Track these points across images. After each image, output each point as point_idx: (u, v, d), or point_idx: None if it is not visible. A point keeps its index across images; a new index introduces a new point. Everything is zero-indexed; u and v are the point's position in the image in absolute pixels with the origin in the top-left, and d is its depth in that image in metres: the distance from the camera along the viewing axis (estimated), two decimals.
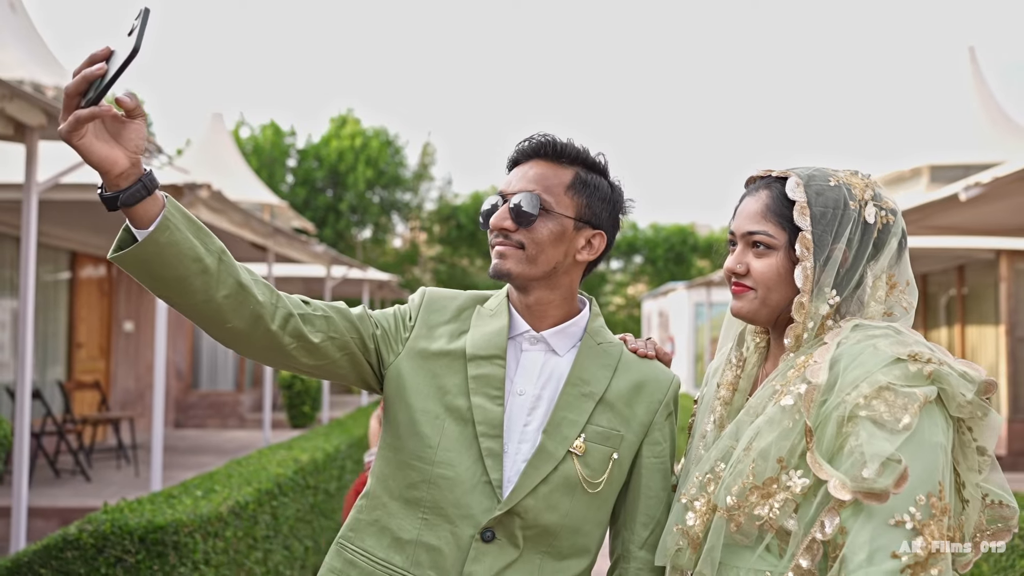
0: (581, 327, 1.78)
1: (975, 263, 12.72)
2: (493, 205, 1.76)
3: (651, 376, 1.77)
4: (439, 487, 1.66)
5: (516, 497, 1.64)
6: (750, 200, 1.67)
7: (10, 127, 5.46)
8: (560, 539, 1.68)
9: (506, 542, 1.65)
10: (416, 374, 1.72)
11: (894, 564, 1.38)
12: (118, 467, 9.83)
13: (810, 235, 1.58)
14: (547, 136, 1.76)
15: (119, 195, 1.43)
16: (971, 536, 1.57)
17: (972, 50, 14.89)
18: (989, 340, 12.43)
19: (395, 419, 1.73)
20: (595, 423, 1.70)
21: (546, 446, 1.67)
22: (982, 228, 9.57)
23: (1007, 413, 11.49)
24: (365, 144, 26.86)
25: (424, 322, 1.77)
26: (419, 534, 1.66)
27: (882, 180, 15.01)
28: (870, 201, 1.62)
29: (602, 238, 1.77)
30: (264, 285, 1.62)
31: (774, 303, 1.63)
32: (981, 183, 6.80)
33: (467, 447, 1.67)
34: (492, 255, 1.75)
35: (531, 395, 1.72)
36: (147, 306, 13.25)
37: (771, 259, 1.62)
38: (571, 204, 1.73)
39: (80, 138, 1.37)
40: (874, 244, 1.61)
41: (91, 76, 1.34)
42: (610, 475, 1.69)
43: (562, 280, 1.75)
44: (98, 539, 3.77)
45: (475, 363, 1.71)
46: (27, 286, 5.67)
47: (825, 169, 1.65)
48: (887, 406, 1.43)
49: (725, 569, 1.55)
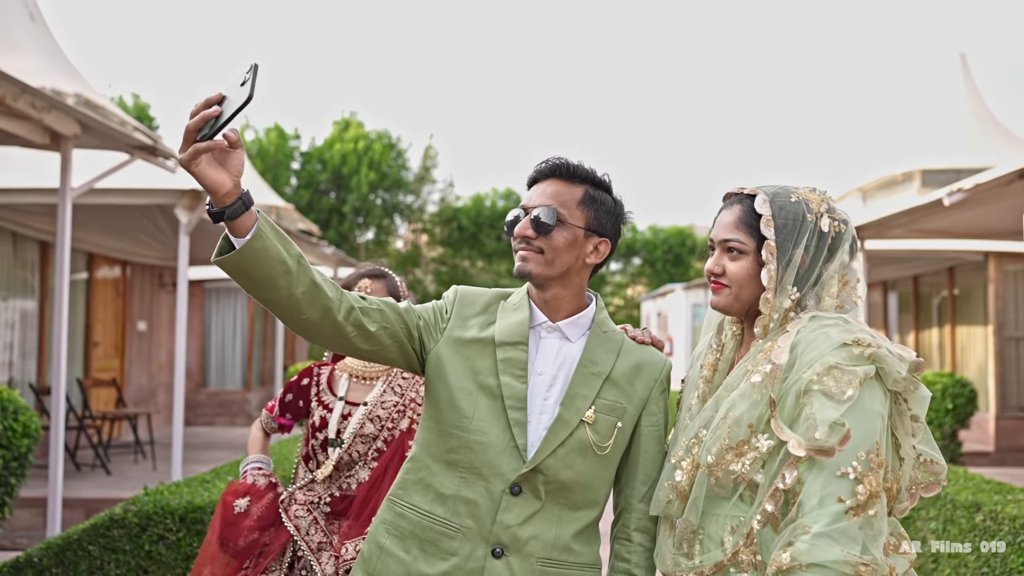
0: (589, 318, 2.12)
1: (965, 265, 13.04)
2: (516, 217, 2.10)
3: (648, 359, 2.12)
4: (474, 451, 2.00)
5: (539, 458, 1.99)
6: (726, 213, 2.02)
7: (46, 137, 5.82)
8: (575, 493, 2.03)
9: (531, 495, 2.00)
10: (453, 358, 2.06)
11: (840, 507, 1.72)
12: (135, 461, 10.17)
13: (774, 243, 1.92)
14: (561, 159, 2.10)
15: (225, 211, 1.76)
16: (907, 488, 1.91)
17: (964, 57, 15.23)
18: (978, 340, 12.76)
19: (436, 396, 2.07)
20: (603, 397, 2.04)
21: (563, 416, 2.01)
22: (971, 231, 9.90)
23: (995, 411, 11.82)
24: (368, 147, 27.22)
25: (458, 315, 2.12)
26: (458, 490, 2.01)
27: (875, 184, 15.33)
28: (825, 214, 1.96)
29: (607, 244, 2.11)
30: (331, 284, 1.95)
31: (745, 298, 1.97)
32: (964, 189, 7.15)
33: (497, 418, 2.01)
34: (516, 258, 2.08)
35: (549, 375, 2.06)
36: (159, 306, 13.59)
37: (743, 262, 1.96)
38: (582, 216, 2.07)
39: (196, 166, 1.71)
40: (828, 249, 1.95)
41: (208, 116, 1.68)
42: (615, 440, 2.04)
43: (574, 279, 2.09)
44: (142, 518, 4.12)
45: (503, 348, 2.05)
46: (62, 287, 6.01)
47: (788, 187, 2.00)
48: (835, 381, 1.78)
49: (707, 516, 1.89)
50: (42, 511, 7.87)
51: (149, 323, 13.16)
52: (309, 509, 2.90)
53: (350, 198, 26.96)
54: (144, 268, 12.95)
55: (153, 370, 13.29)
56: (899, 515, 1.91)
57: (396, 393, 3.00)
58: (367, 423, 2.92)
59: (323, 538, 2.86)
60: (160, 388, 13.61)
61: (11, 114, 5.35)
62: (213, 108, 1.68)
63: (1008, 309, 12.26)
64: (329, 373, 3.09)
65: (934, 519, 5.05)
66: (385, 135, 28.02)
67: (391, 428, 2.94)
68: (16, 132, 5.50)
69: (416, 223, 29.06)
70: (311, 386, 3.07)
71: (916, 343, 14.77)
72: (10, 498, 6.67)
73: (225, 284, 16.24)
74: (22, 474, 6.72)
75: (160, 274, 13.54)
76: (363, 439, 2.92)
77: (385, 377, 3.02)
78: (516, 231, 2.07)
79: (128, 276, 12.43)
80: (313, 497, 2.91)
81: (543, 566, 1.99)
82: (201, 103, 1.69)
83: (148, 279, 13.20)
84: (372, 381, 3.03)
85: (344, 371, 3.07)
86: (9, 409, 6.61)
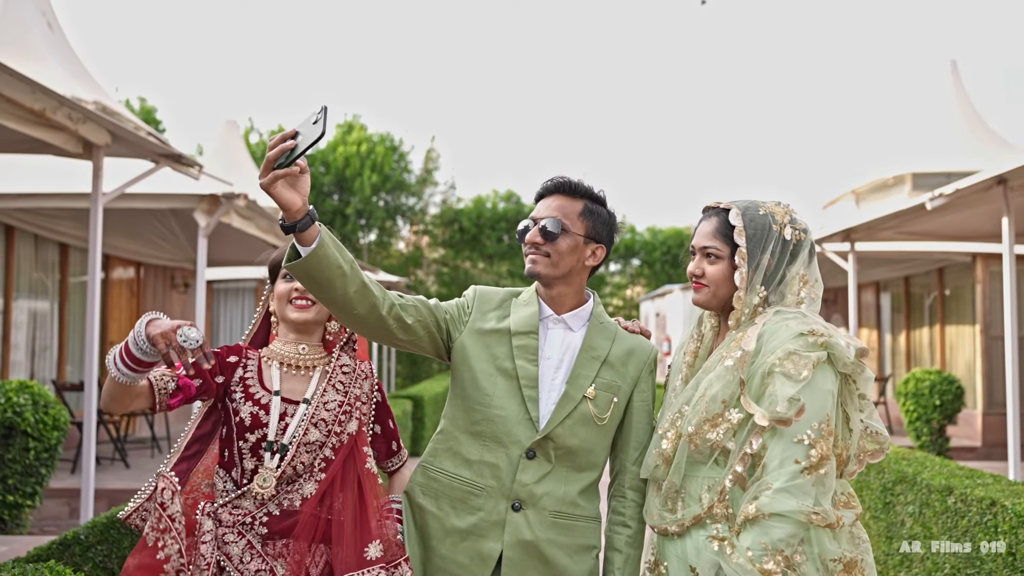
0: (589, 311, 2.54)
1: (954, 266, 13.41)
2: (526, 227, 2.50)
3: (638, 346, 2.53)
4: (495, 423, 2.41)
5: (550, 427, 2.40)
6: (705, 224, 2.40)
7: (79, 146, 6.18)
8: (579, 457, 2.43)
9: (543, 459, 2.41)
10: (475, 346, 2.47)
11: (796, 467, 2.10)
12: (152, 455, 10.54)
13: (745, 250, 2.30)
14: (564, 178, 2.51)
15: (296, 224, 2.15)
16: (856, 455, 2.29)
17: (954, 63, 15.60)
18: (967, 338, 13.14)
19: (461, 378, 2.48)
20: (601, 377, 2.45)
21: (569, 392, 2.42)
22: (955, 234, 10.26)
23: (982, 407, 12.21)
24: (371, 150, 27.61)
25: (478, 309, 2.53)
26: (481, 455, 2.42)
27: (868, 187, 15.70)
28: (788, 224, 2.33)
29: (603, 250, 2.53)
30: (376, 284, 2.34)
31: (721, 296, 2.35)
32: (944, 194, 7.51)
33: (513, 395, 2.42)
34: (527, 261, 2.49)
35: (556, 358, 2.47)
36: (171, 306, 13.96)
37: (719, 266, 2.34)
38: (582, 226, 2.47)
39: (274, 188, 2.09)
40: (791, 254, 2.32)
41: (285, 149, 2.06)
42: (612, 413, 2.44)
43: (575, 279, 2.50)
44: None
45: (517, 337, 2.46)
46: (94, 288, 6.37)
47: (757, 201, 2.36)
48: (793, 364, 2.15)
49: (687, 477, 2.27)
50: (67, 501, 8.25)
51: None
52: (241, 532, 2.39)
53: (353, 200, 27.34)
54: (157, 269, 13.32)
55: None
56: (849, 477, 2.29)
57: (339, 391, 2.53)
58: (311, 429, 2.44)
59: (261, 565, 2.37)
60: None
61: (49, 125, 5.71)
62: (288, 143, 2.06)
63: (995, 309, 12.63)
64: (258, 361, 2.56)
65: (911, 503, 5.43)
66: (388, 138, 28.41)
67: (339, 433, 2.47)
68: (53, 142, 5.86)
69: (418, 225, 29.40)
70: (237, 367, 2.53)
71: (907, 342, 15.15)
72: (41, 487, 7.07)
73: (233, 285, 16.62)
74: (52, 464, 7.12)
75: (172, 275, 13.91)
76: (308, 448, 2.43)
77: (323, 368, 2.56)
78: (527, 239, 2.47)
79: (142, 277, 12.80)
80: (243, 516, 2.39)
81: (554, 518, 2.40)
82: (278, 138, 2.07)
83: (161, 280, 13.57)
84: (308, 371, 2.55)
85: (274, 359, 2.56)
86: (40, 403, 7.02)
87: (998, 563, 4.36)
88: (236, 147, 19.78)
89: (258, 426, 2.43)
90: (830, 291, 18.13)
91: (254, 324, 2.68)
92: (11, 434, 6.77)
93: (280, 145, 2.07)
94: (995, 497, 4.54)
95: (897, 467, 5.74)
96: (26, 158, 8.48)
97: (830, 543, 2.11)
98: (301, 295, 2.51)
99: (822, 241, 11.28)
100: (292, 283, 2.53)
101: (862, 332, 17.12)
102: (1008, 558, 4.29)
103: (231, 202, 8.19)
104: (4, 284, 9.68)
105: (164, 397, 2.42)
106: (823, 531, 2.09)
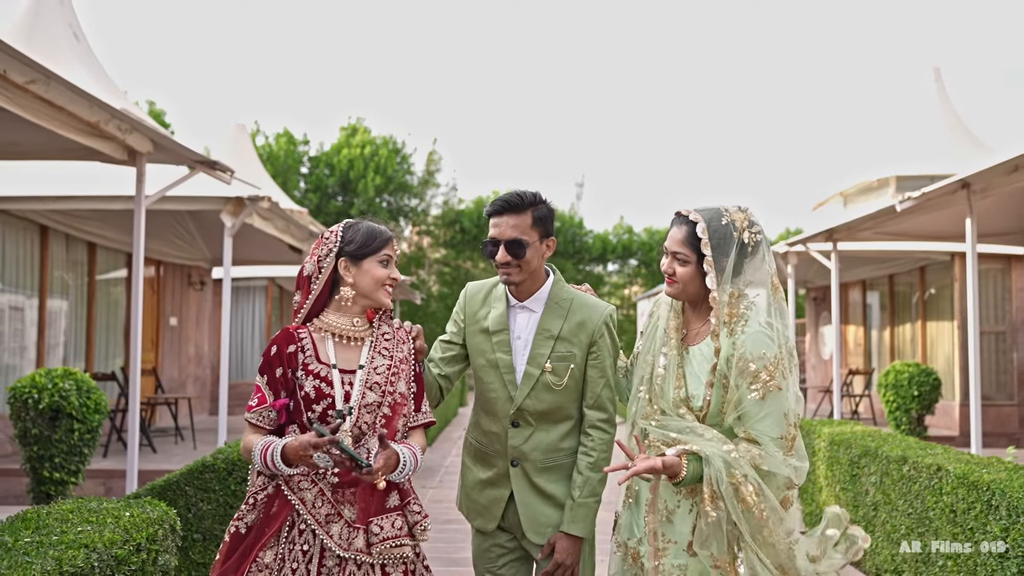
0: (546, 293, 3.10)
1: (934, 265, 14.05)
2: (492, 248, 3.04)
3: (588, 317, 3.07)
4: (492, 402, 3.11)
5: (519, 400, 3.06)
6: (675, 230, 2.93)
7: (125, 153, 6.82)
8: (551, 415, 3.08)
9: (524, 424, 3.08)
10: (473, 345, 3.16)
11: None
12: (175, 442, 11.18)
13: (711, 258, 2.82)
14: (510, 198, 3.04)
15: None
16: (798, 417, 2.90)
17: (937, 70, 16.25)
18: (946, 334, 13.78)
19: (474, 369, 3.16)
20: (556, 352, 3.05)
21: (530, 371, 3.07)
22: (929, 234, 10.88)
23: (959, 399, 12.85)
24: (375, 153, 28.25)
25: (469, 315, 3.19)
26: (489, 427, 3.13)
27: (855, 189, 16.34)
28: (746, 229, 2.88)
29: (554, 240, 3.13)
30: (446, 379, 3.14)
31: (690, 291, 2.90)
32: (912, 197, 8.14)
33: (499, 380, 3.09)
34: (500, 275, 3.08)
35: (524, 339, 3.10)
36: (188, 303, 14.60)
37: (687, 268, 2.88)
38: (536, 232, 3.05)
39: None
40: (750, 254, 2.87)
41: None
42: (569, 378, 3.05)
43: (537, 272, 3.11)
44: (228, 464, 5.12)
45: (495, 335, 3.12)
46: (137, 285, 6.99)
47: (719, 209, 2.89)
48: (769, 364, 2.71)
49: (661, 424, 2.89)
50: (102, 481, 8.88)
51: (179, 319, 14.17)
52: (314, 481, 2.68)
53: (357, 201, 27.97)
54: (175, 268, 13.95)
55: (183, 362, 14.30)
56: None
57: (385, 356, 2.79)
58: (368, 392, 2.71)
59: (330, 510, 2.66)
60: (189, 379, 14.60)
61: (100, 135, 6.35)
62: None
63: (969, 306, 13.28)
64: (310, 337, 2.77)
65: (874, 473, 6.08)
66: (391, 141, 29.04)
67: (391, 392, 2.75)
68: (103, 150, 6.50)
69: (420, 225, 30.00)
70: (298, 353, 2.74)
71: (892, 337, 15.80)
72: (83, 465, 7.71)
73: (244, 283, 17.24)
74: (93, 445, 7.76)
75: (189, 273, 14.53)
76: (368, 408, 2.71)
77: (370, 338, 2.82)
78: (498, 259, 3.03)
79: (162, 275, 13.43)
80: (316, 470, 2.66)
81: (543, 465, 3.09)
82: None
83: (179, 278, 14.20)
84: (359, 342, 2.79)
85: (326, 332, 2.78)
86: (83, 389, 7.66)
87: (943, 521, 5.01)
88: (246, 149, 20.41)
89: (322, 397, 2.67)
90: (820, 289, 18.79)
91: (314, 293, 2.78)
92: (57, 417, 7.40)
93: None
94: (941, 463, 5.19)
95: (862, 443, 6.39)
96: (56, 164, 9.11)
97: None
98: (393, 283, 2.83)
99: (807, 241, 11.93)
100: (388, 270, 2.80)
101: (849, 328, 17.79)
102: (950, 514, 4.94)
103: (255, 204, 8.82)
104: (40, 280, 10.32)
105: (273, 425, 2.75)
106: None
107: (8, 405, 7.47)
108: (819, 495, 7.41)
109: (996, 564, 4.41)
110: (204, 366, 15.44)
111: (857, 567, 6.53)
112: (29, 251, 10.20)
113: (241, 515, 2.69)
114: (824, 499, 7.24)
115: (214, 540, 5.03)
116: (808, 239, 11.83)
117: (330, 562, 2.63)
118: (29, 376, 7.48)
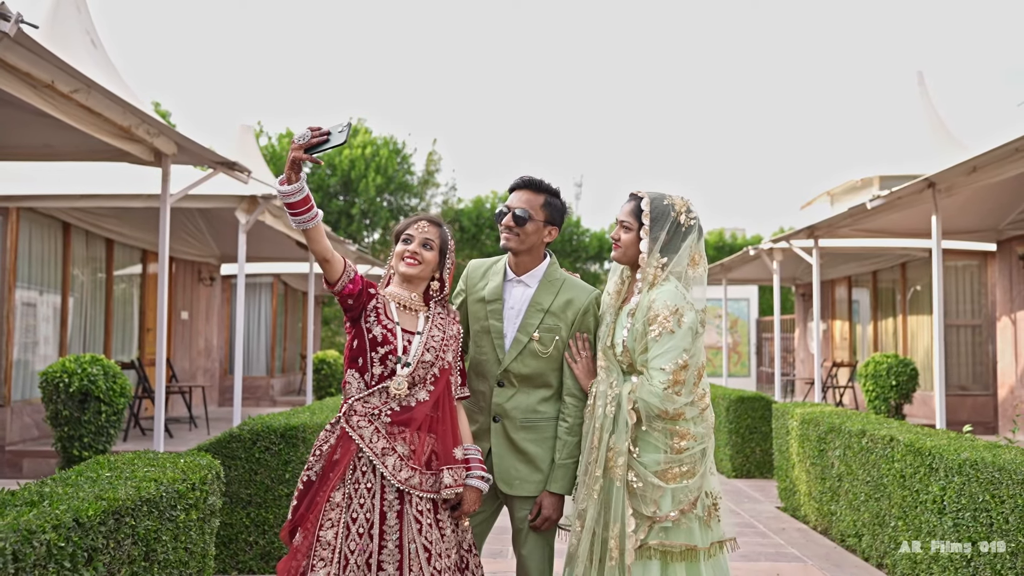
0: (542, 271, 3.48)
1: (914, 261, 14.61)
2: (502, 212, 3.50)
3: (575, 297, 3.45)
4: (482, 364, 3.49)
5: (506, 363, 3.46)
6: (626, 205, 3.42)
7: (151, 155, 7.37)
8: (534, 380, 3.44)
9: (508, 385, 3.42)
10: (471, 312, 3.55)
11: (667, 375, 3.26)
12: (189, 429, 11.75)
13: (648, 229, 3.33)
14: (531, 177, 3.52)
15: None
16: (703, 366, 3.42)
17: (920, 74, 16.82)
18: (925, 327, 14.36)
19: (469, 333, 3.54)
20: (544, 323, 3.41)
21: (519, 338, 3.42)
22: (903, 231, 11.43)
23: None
24: (375, 153, 28.79)
25: (471, 285, 3.60)
26: (478, 386, 3.49)
27: (841, 188, 16.90)
28: (683, 212, 3.36)
29: (556, 230, 3.54)
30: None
31: (630, 255, 3.38)
32: (881, 196, 8.70)
33: (490, 344, 3.45)
34: (502, 238, 3.49)
35: (516, 309, 3.49)
36: (198, 298, 15.16)
37: (629, 235, 3.37)
38: (543, 214, 3.49)
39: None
40: (683, 235, 3.35)
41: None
42: (554, 348, 3.41)
43: (536, 251, 3.52)
44: (253, 434, 5.67)
45: (490, 303, 3.52)
46: (163, 280, 7.51)
47: (664, 193, 3.38)
48: (668, 312, 3.25)
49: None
50: None
51: (190, 313, 14.73)
52: (370, 419, 3.09)
53: (358, 201, 28.50)
54: (186, 264, 14.50)
55: (193, 354, 14.87)
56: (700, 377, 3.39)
57: (439, 329, 3.25)
58: (425, 352, 3.16)
59: (386, 444, 3.07)
60: (199, 371, 15.17)
61: (131, 138, 6.91)
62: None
63: (949, 300, 13.87)
64: (384, 299, 3.25)
65: (838, 447, 6.66)
66: (391, 141, 29.58)
67: (443, 357, 3.21)
68: (131, 151, 7.05)
69: None
70: (374, 299, 3.21)
71: (875, 330, 16.37)
72: (110, 445, 8.28)
73: (251, 280, 17.80)
74: (119, 426, 8.34)
75: (199, 269, 15.09)
76: (423, 364, 3.14)
77: (426, 311, 3.28)
78: (503, 222, 3.49)
79: (173, 271, 13.98)
80: (372, 409, 3.10)
81: (522, 424, 3.40)
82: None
83: (190, 273, 14.75)
84: (415, 313, 3.26)
85: (392, 299, 3.26)
86: (110, 373, 8.23)
87: (895, 486, 5.59)
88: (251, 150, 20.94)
89: (387, 342, 3.13)
90: (808, 286, 19.38)
91: (387, 273, 3.39)
92: (86, 399, 7.97)
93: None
94: (894, 435, 5.76)
95: (829, 420, 6.97)
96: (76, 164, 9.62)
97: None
98: (411, 255, 3.25)
99: (790, 238, 12.50)
100: (407, 245, 3.27)
101: (836, 323, 18.37)
102: (900, 479, 5.52)
103: (268, 202, 9.37)
104: (63, 275, 10.88)
105: (346, 279, 3.16)
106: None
107: (40, 389, 8.02)
108: (792, 471, 7.98)
109: (936, 519, 4.99)
110: (213, 359, 16.00)
111: (825, 535, 7.11)
112: (53, 247, 10.75)
113: (310, 465, 3.10)
114: (796, 474, 7.81)
115: (240, 503, 5.58)
116: (791, 236, 12.38)
117: (391, 495, 3.04)
118: (59, 362, 8.04)
